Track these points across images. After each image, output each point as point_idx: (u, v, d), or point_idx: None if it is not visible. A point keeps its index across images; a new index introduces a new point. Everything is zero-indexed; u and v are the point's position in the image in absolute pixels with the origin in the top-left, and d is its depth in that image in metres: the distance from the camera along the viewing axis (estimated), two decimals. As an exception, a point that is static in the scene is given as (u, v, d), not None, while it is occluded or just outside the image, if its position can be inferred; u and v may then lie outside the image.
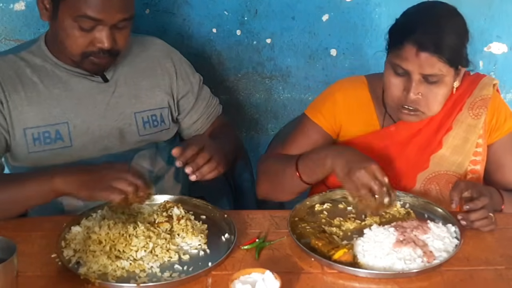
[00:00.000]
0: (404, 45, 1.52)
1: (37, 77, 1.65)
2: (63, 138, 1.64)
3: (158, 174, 1.81)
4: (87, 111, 1.67)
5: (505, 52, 2.29)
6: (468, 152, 1.69)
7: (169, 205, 1.50)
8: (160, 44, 1.85)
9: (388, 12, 2.22)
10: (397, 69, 1.56)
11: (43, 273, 1.29)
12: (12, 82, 1.62)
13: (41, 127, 1.63)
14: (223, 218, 1.48)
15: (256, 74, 2.31)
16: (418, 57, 1.50)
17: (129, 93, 1.73)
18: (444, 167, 1.69)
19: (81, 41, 1.55)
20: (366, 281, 1.29)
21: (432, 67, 1.51)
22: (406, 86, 1.56)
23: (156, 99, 1.78)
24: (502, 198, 1.60)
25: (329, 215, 1.56)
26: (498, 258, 1.39)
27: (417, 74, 1.53)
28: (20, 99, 1.62)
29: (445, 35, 1.50)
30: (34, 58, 1.67)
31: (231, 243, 1.37)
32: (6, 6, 2.09)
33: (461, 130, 1.69)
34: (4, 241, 1.14)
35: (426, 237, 1.40)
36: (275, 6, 2.20)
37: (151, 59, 1.80)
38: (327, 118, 1.73)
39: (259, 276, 1.19)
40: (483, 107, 1.68)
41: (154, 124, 1.77)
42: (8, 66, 1.64)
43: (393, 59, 1.56)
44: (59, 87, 1.66)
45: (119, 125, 1.71)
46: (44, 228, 1.43)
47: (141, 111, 1.75)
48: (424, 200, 1.61)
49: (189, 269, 1.30)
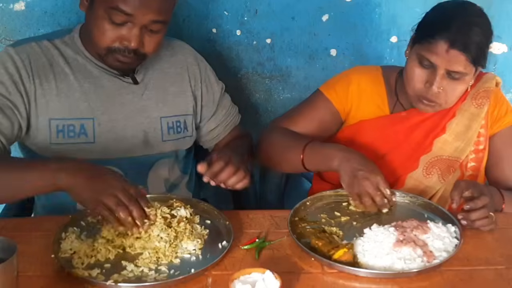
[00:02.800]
0: (436, 39, 1.56)
1: (69, 68, 1.63)
2: (87, 133, 1.63)
3: (174, 183, 1.81)
4: (114, 110, 1.66)
5: (505, 52, 2.29)
6: (470, 139, 1.74)
7: (177, 204, 1.50)
8: (188, 49, 1.84)
9: (388, 12, 2.22)
10: (423, 61, 1.61)
11: (43, 273, 1.28)
12: (45, 70, 1.60)
13: (67, 120, 1.61)
14: (225, 225, 1.46)
15: (256, 74, 2.31)
16: (448, 53, 1.55)
17: (157, 97, 1.73)
18: (447, 152, 1.74)
19: (108, 35, 1.53)
20: (366, 281, 1.29)
21: (458, 64, 1.56)
22: (430, 79, 1.61)
23: (181, 105, 1.78)
24: (502, 198, 1.61)
25: (329, 215, 1.56)
26: (498, 258, 1.39)
27: (443, 69, 1.58)
28: (50, 89, 1.60)
29: (475, 35, 1.55)
30: (67, 48, 1.65)
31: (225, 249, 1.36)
32: (6, 6, 2.09)
33: (464, 118, 1.74)
34: (5, 241, 1.14)
35: (426, 237, 1.40)
36: (275, 6, 2.20)
37: (180, 65, 1.79)
38: (339, 95, 1.78)
39: (259, 276, 1.19)
40: (486, 97, 1.75)
41: (178, 130, 1.77)
42: (43, 53, 1.62)
43: (422, 51, 1.60)
44: (89, 82, 1.64)
45: (144, 128, 1.70)
46: (44, 228, 1.42)
47: (167, 116, 1.74)
48: (424, 200, 1.61)
49: (189, 269, 1.29)
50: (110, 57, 1.58)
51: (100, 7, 1.51)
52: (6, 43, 2.13)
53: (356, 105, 1.78)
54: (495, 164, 1.77)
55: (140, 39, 1.54)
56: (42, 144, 1.62)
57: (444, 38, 1.55)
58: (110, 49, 1.56)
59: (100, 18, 1.52)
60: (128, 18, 1.50)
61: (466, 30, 1.55)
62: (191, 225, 1.43)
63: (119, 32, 1.53)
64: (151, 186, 1.74)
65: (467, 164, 1.76)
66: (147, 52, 1.59)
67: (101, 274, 1.27)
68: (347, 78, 1.81)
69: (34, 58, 1.60)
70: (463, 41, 1.54)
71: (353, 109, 1.79)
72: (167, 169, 1.77)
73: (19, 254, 1.12)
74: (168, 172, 1.78)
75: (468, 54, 1.55)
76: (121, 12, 1.49)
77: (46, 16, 2.11)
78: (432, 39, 1.57)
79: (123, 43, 1.54)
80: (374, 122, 1.78)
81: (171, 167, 1.79)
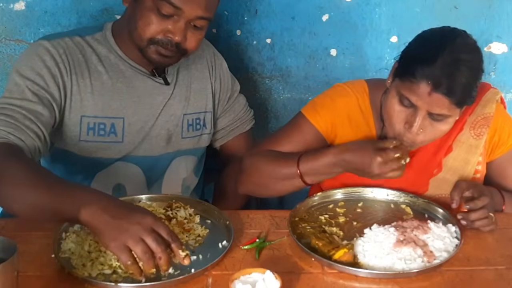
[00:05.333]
0: (418, 80, 1.42)
1: (102, 66, 1.63)
2: (117, 132, 1.64)
3: (187, 185, 1.82)
4: (144, 110, 1.67)
5: (505, 52, 2.29)
6: (469, 173, 1.64)
7: (176, 205, 1.50)
8: (210, 46, 1.85)
9: (388, 12, 2.21)
10: (403, 100, 1.48)
11: (44, 273, 1.28)
12: (81, 67, 1.60)
13: (98, 118, 1.62)
14: (225, 225, 1.46)
15: (256, 74, 2.31)
16: (431, 96, 1.42)
17: (181, 95, 1.73)
18: (444, 190, 1.63)
19: (154, 26, 1.52)
20: (366, 281, 1.29)
21: (442, 107, 1.44)
22: (409, 120, 1.48)
23: (202, 102, 1.78)
24: (503, 198, 1.60)
25: (329, 215, 1.56)
26: (498, 258, 1.39)
27: (425, 110, 1.45)
28: (85, 86, 1.60)
29: (462, 77, 1.41)
30: (99, 46, 1.65)
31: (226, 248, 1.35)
32: (6, 6, 2.09)
33: (462, 151, 1.64)
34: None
35: (427, 237, 1.40)
36: (275, 6, 2.20)
37: (202, 62, 1.80)
38: (324, 120, 1.67)
39: (260, 276, 1.19)
40: (485, 126, 1.63)
41: (197, 128, 1.78)
42: (78, 49, 1.61)
43: (402, 90, 1.47)
44: (121, 81, 1.64)
45: (168, 126, 1.72)
46: (45, 228, 1.42)
47: (189, 113, 1.75)
48: (425, 200, 1.61)
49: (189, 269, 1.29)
50: (151, 48, 1.56)
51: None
52: (6, 43, 2.13)
53: (341, 131, 1.67)
54: (499, 182, 1.68)
55: (184, 33, 1.54)
56: (71, 140, 1.62)
57: (426, 79, 1.40)
58: (153, 41, 1.54)
59: (148, 9, 1.51)
60: (176, 11, 1.50)
61: (452, 70, 1.40)
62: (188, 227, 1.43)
63: (164, 25, 1.52)
64: (167, 186, 1.75)
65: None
66: (189, 48, 1.58)
67: (101, 274, 1.27)
68: (332, 102, 1.67)
69: (71, 53, 1.60)
70: (447, 84, 1.39)
71: (338, 135, 1.67)
72: (184, 168, 1.78)
73: (20, 254, 1.11)
74: (186, 171, 1.78)
75: (452, 98, 1.41)
76: (170, 4, 1.49)
77: (46, 16, 2.11)
78: (414, 79, 1.42)
79: (167, 36, 1.53)
80: None
81: (189, 166, 1.80)
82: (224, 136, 1.90)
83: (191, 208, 1.50)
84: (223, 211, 1.51)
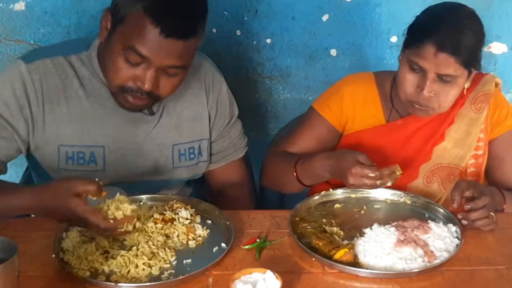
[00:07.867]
0: (424, 43, 1.54)
1: (83, 91, 1.55)
2: (97, 161, 1.57)
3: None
4: (126, 139, 1.59)
5: (505, 52, 2.30)
6: (470, 145, 1.72)
7: (177, 205, 1.49)
8: (210, 68, 1.72)
9: (388, 12, 2.22)
10: (413, 65, 1.58)
11: (44, 273, 1.28)
12: (57, 94, 1.53)
13: (76, 147, 1.55)
14: (226, 225, 1.46)
15: (256, 74, 2.31)
16: (436, 57, 1.52)
17: (170, 124, 1.63)
18: (446, 159, 1.72)
19: (122, 73, 1.42)
20: (367, 281, 1.29)
21: (448, 67, 1.54)
22: (420, 84, 1.58)
23: (197, 130, 1.68)
24: (503, 198, 1.61)
25: (329, 215, 1.56)
26: (498, 258, 1.39)
27: (433, 73, 1.55)
28: (61, 114, 1.53)
29: (464, 37, 1.52)
30: (82, 68, 1.56)
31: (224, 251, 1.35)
32: (6, 6, 2.09)
33: (463, 123, 1.72)
34: (6, 241, 1.14)
35: (427, 237, 1.40)
36: (275, 6, 2.20)
37: (199, 85, 1.68)
38: (334, 112, 1.76)
39: (260, 276, 1.19)
40: (485, 101, 1.72)
41: (191, 157, 1.68)
42: (57, 73, 1.53)
43: (411, 56, 1.58)
44: (102, 108, 1.56)
45: (155, 156, 1.63)
46: (45, 228, 1.42)
47: (180, 143, 1.66)
48: (425, 200, 1.61)
49: (189, 269, 1.29)
50: (120, 96, 1.47)
51: (117, 43, 1.41)
52: (6, 43, 2.13)
53: (352, 118, 1.76)
54: (496, 167, 1.75)
55: (155, 81, 1.42)
56: (50, 169, 1.58)
57: (432, 42, 1.52)
58: (123, 89, 1.45)
59: (116, 55, 1.41)
60: (144, 60, 1.39)
61: (456, 32, 1.52)
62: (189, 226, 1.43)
63: (134, 72, 1.42)
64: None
65: (467, 170, 1.74)
66: (162, 94, 1.48)
67: (101, 274, 1.27)
68: (339, 92, 1.77)
69: (47, 80, 1.52)
70: (452, 44, 1.51)
71: (349, 122, 1.77)
72: (175, 192, 1.71)
73: (20, 254, 1.11)
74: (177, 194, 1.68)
75: (457, 57, 1.52)
76: (136, 53, 1.38)
77: (46, 16, 2.11)
78: (421, 43, 1.55)
79: (136, 83, 1.43)
80: (370, 132, 1.75)
81: (180, 191, 1.74)
82: (216, 162, 1.77)
83: (192, 208, 1.50)
84: (223, 211, 1.51)
